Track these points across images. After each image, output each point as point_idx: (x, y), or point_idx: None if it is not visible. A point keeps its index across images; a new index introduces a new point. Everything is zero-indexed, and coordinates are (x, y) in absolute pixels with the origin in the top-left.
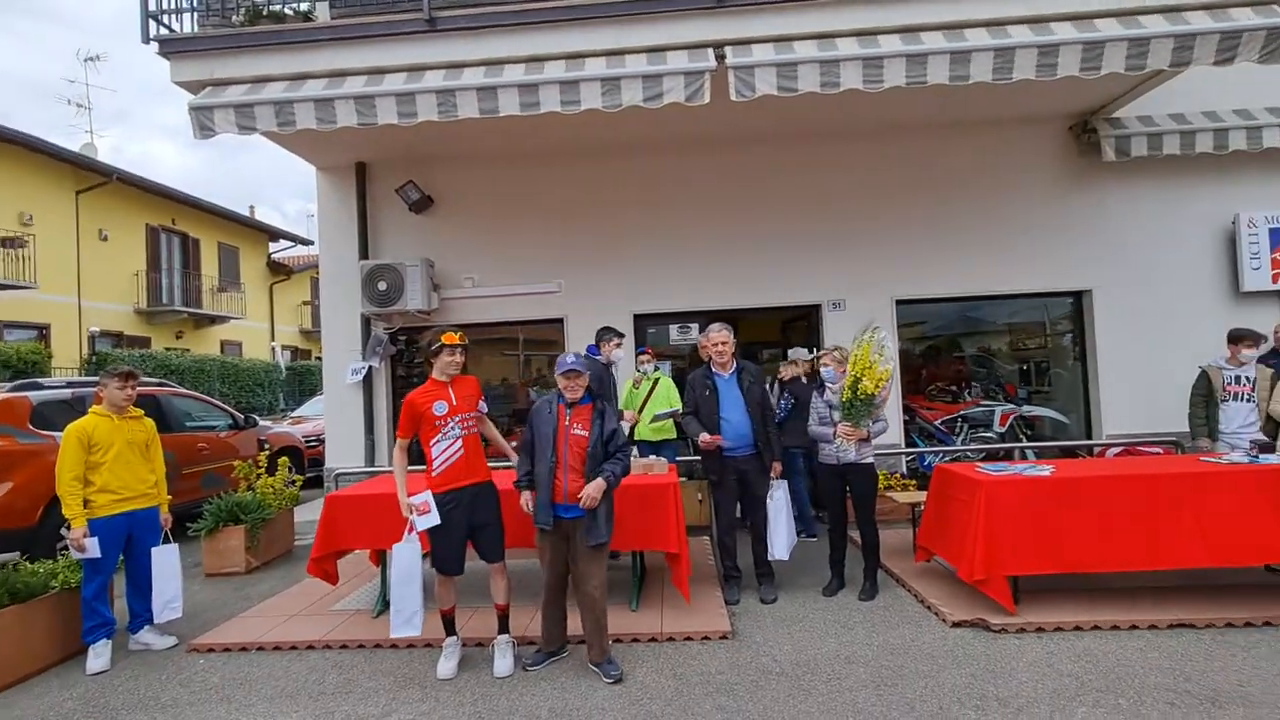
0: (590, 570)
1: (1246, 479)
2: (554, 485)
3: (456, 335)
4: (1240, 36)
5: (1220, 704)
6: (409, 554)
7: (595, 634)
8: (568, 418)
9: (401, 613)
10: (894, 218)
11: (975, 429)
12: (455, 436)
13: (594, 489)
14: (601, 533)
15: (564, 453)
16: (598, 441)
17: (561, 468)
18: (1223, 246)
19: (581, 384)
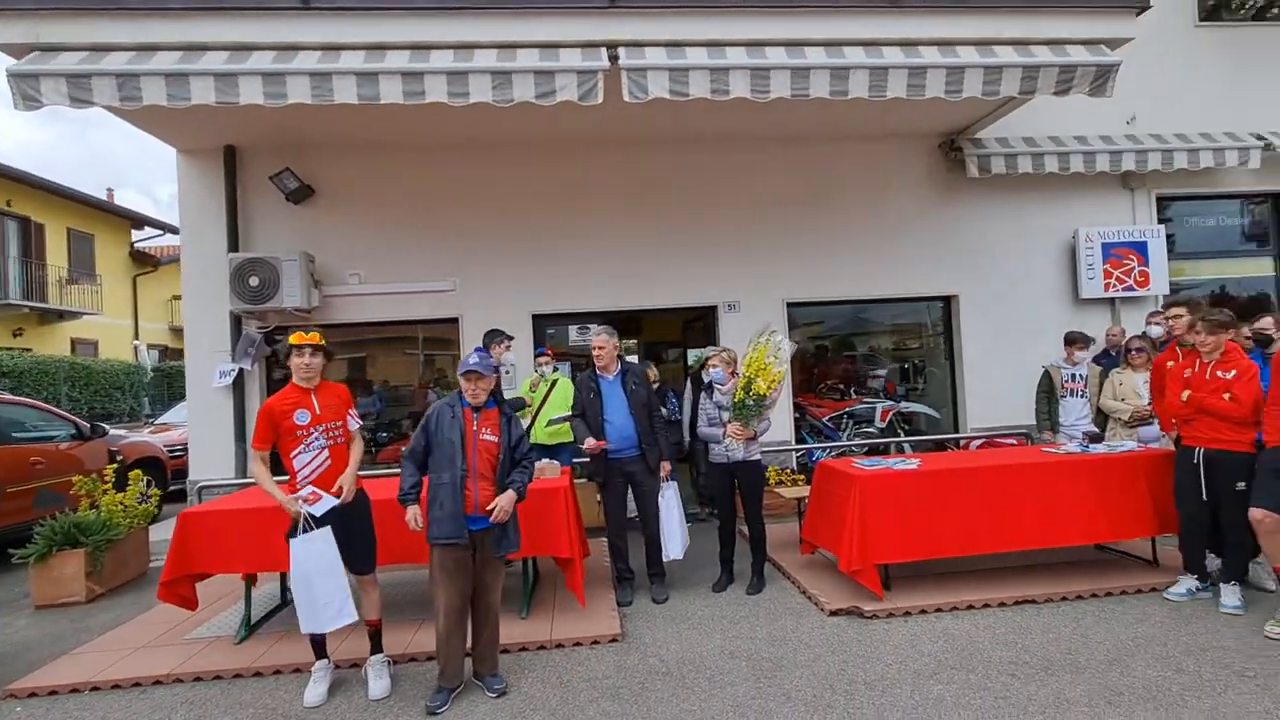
0: (495, 581)
1: (1078, 468)
2: (464, 496)
3: (309, 335)
4: (1075, 70)
5: (1052, 671)
6: (315, 545)
7: (489, 646)
8: (475, 423)
9: (330, 605)
10: (785, 223)
11: (859, 425)
12: (320, 447)
13: (506, 501)
14: (513, 542)
15: (474, 460)
16: (508, 448)
17: (472, 477)
18: (1066, 258)
19: (485, 386)
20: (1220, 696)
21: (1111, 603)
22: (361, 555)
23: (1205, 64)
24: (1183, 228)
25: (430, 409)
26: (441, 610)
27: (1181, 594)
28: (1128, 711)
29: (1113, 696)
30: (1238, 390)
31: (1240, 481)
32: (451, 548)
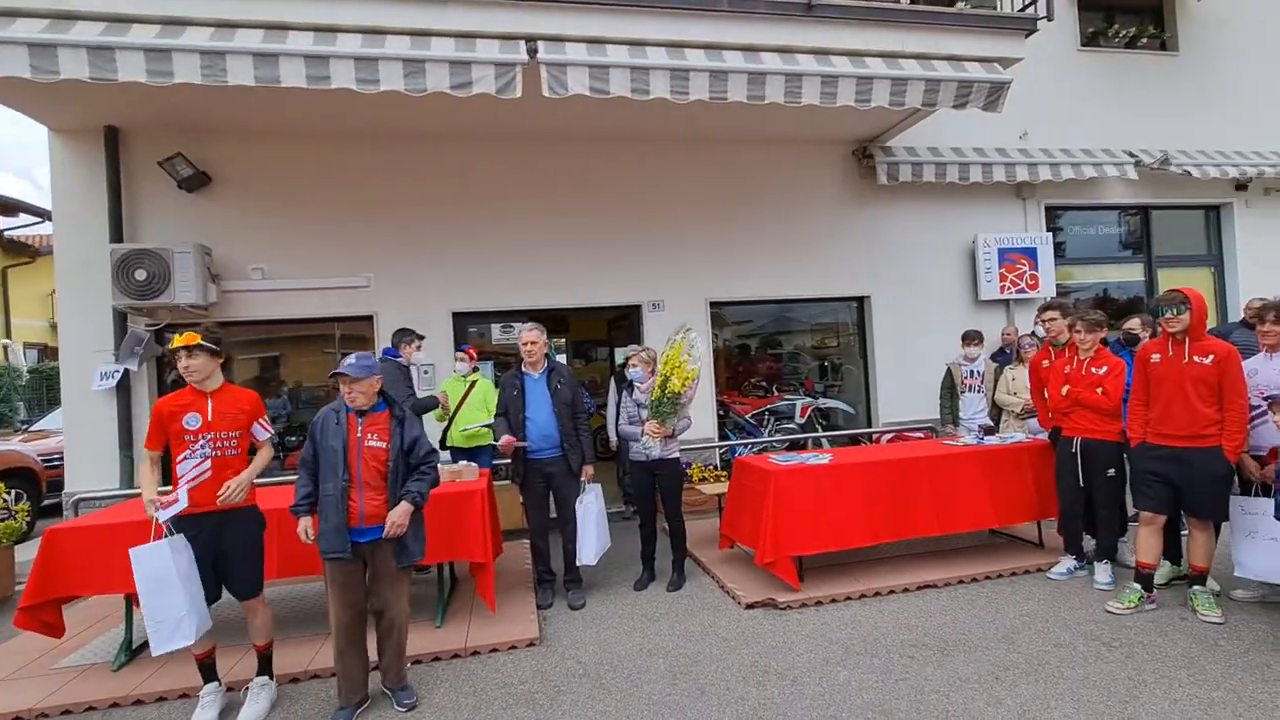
0: (394, 595)
1: (972, 459)
2: (348, 507)
3: (183, 336)
4: (972, 86)
5: (948, 652)
6: (156, 556)
7: (395, 658)
8: (360, 428)
9: (164, 624)
10: (710, 224)
11: (781, 421)
12: (203, 456)
13: (400, 515)
14: (411, 553)
15: (358, 469)
16: (399, 454)
17: (356, 486)
18: (966, 262)
19: (362, 390)
20: (1091, 666)
21: (1003, 584)
22: (241, 576)
23: (1086, 86)
24: (1069, 235)
25: (317, 414)
26: (333, 626)
27: (1062, 573)
28: (1012, 685)
29: (1000, 672)
30: (1107, 385)
31: (1110, 468)
32: (339, 562)
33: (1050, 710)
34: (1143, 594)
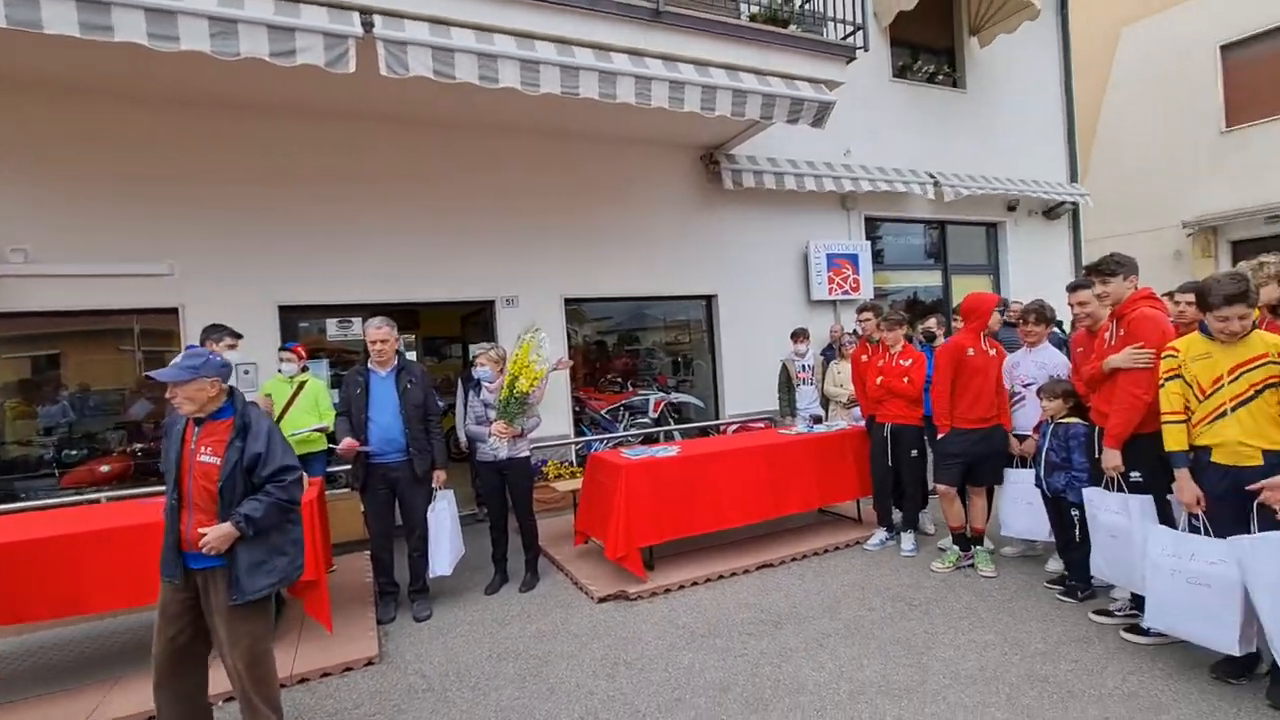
0: (231, 635)
1: (803, 446)
2: (179, 528)
3: None
4: (803, 104)
5: (781, 625)
6: None
7: (245, 709)
8: (195, 439)
9: None
10: (566, 220)
11: (635, 416)
12: None
13: (214, 536)
14: (245, 587)
15: (188, 486)
16: (234, 471)
17: (186, 506)
18: (801, 265)
19: (188, 394)
20: (898, 625)
21: (829, 558)
22: None
23: (896, 113)
24: (885, 244)
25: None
26: (152, 657)
27: (876, 544)
28: (833, 650)
29: (823, 639)
30: (913, 375)
31: (914, 449)
32: (168, 585)
33: (863, 669)
34: (959, 553)
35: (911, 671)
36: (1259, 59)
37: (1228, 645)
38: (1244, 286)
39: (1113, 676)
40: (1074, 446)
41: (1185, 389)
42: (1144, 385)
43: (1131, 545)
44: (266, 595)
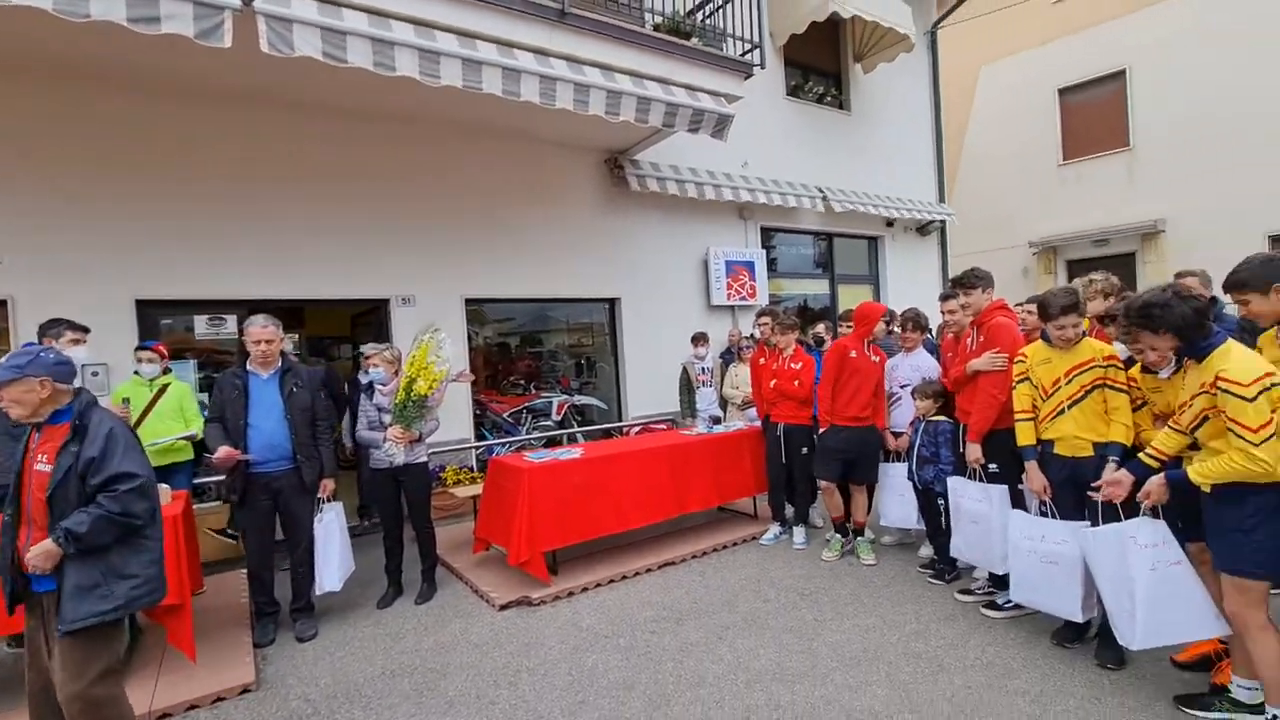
0: (66, 671)
1: (702, 446)
2: (15, 546)
3: None
4: (704, 115)
5: (683, 621)
6: None
7: None
8: (34, 446)
9: None
10: (468, 218)
11: (538, 419)
12: None
13: (36, 555)
14: (65, 616)
15: (26, 499)
16: (66, 478)
17: (25, 521)
18: (701, 270)
19: (14, 397)
20: (790, 614)
21: (727, 554)
22: None
23: (789, 128)
24: (779, 253)
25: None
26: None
27: (770, 539)
28: (732, 642)
29: (723, 632)
30: (802, 377)
31: (804, 447)
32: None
33: (759, 658)
34: (843, 541)
35: (803, 657)
36: (1089, 102)
37: (1072, 613)
38: (1075, 299)
39: (974, 649)
40: (942, 442)
41: (1032, 390)
42: (1000, 386)
43: (990, 530)
44: (100, 625)
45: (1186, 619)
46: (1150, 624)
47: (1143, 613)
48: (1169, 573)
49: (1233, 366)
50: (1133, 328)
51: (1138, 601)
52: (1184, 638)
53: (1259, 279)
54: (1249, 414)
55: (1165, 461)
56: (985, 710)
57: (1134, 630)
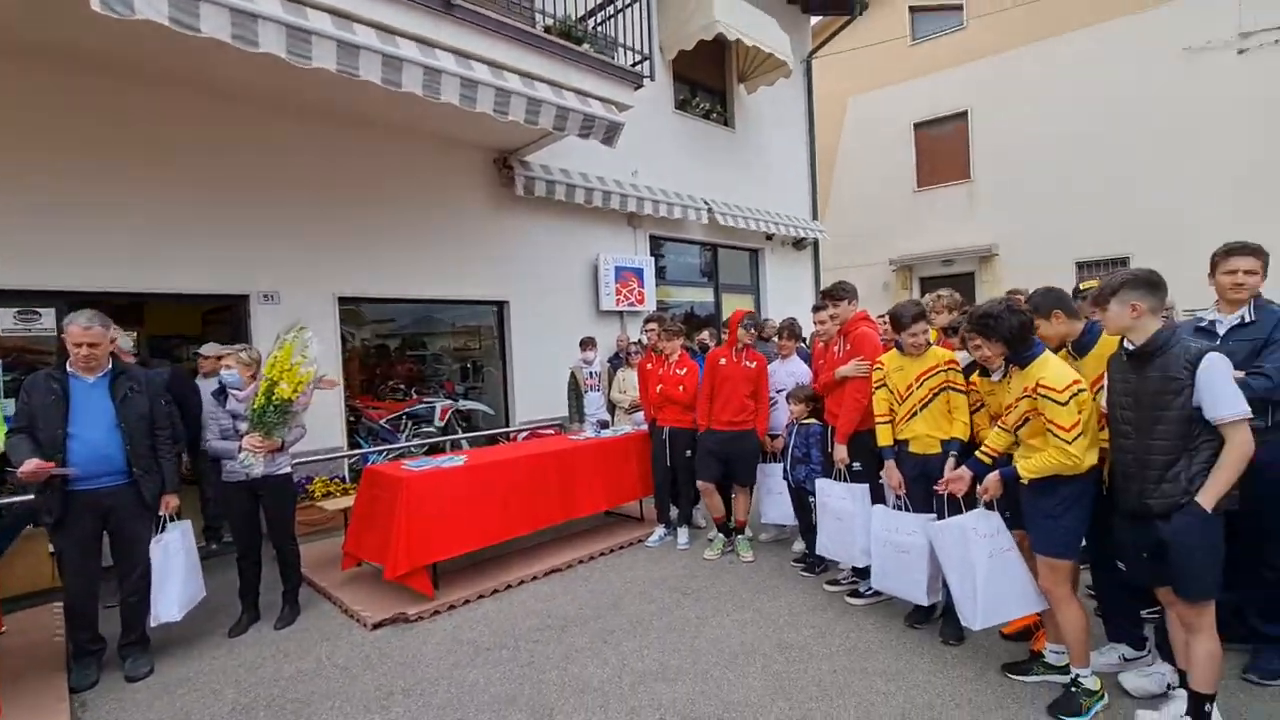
0: None
1: (592, 450)
2: None
3: None
4: (595, 121)
5: (567, 628)
6: None
7: None
8: None
9: None
10: (345, 212)
11: (419, 425)
12: None
13: None
14: None
15: None
16: None
17: None
18: (591, 275)
19: None
20: (673, 613)
21: (614, 557)
22: None
23: (678, 141)
24: (668, 261)
25: None
26: None
27: (656, 541)
28: (617, 645)
29: (607, 635)
30: (686, 383)
31: (688, 450)
32: None
33: (644, 659)
34: (724, 540)
35: (685, 655)
36: (939, 137)
37: (919, 598)
38: (921, 309)
39: (839, 636)
40: (813, 443)
41: (889, 395)
42: (864, 391)
43: (853, 527)
44: None
45: (1015, 598)
46: (989, 605)
47: (983, 596)
48: (1003, 559)
49: (1049, 374)
50: (973, 333)
51: (979, 586)
52: (1014, 615)
53: (1044, 306)
54: (1063, 415)
55: (996, 458)
56: (848, 691)
57: (975, 612)
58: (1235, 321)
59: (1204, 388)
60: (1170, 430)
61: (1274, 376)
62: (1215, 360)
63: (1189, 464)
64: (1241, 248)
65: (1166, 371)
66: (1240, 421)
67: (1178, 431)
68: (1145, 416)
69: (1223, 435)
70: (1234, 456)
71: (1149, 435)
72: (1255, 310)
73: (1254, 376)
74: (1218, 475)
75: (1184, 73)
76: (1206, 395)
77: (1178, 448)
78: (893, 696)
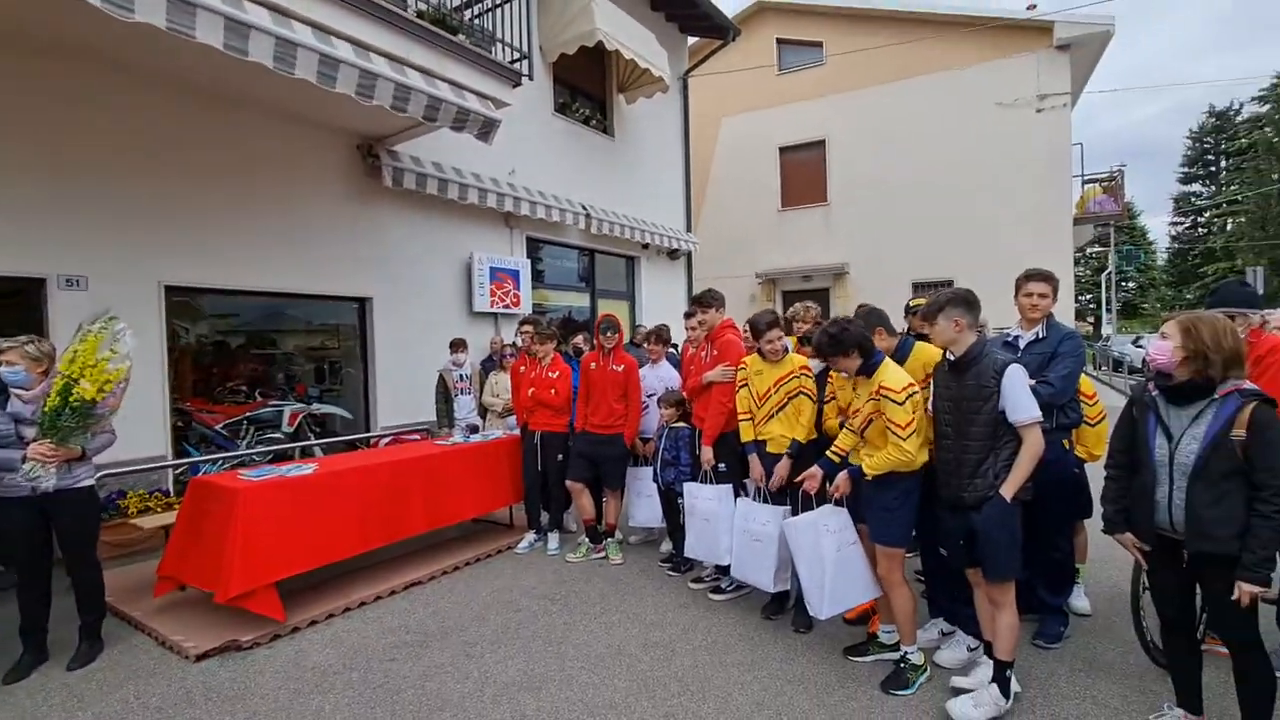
0: None
1: (460, 456)
2: None
3: None
4: (469, 115)
5: (427, 644)
6: None
7: None
8: None
9: None
10: (179, 190)
11: (264, 430)
12: None
13: None
14: None
15: None
16: None
17: None
18: (464, 275)
19: None
20: (541, 621)
21: (480, 567)
22: None
23: (557, 144)
24: (546, 265)
25: None
26: None
27: (525, 547)
28: (480, 658)
29: (470, 649)
30: (559, 386)
31: (560, 454)
32: None
33: (508, 669)
34: (590, 545)
35: (551, 662)
36: (801, 162)
37: (766, 585)
38: (775, 318)
39: (701, 632)
40: (681, 446)
41: (750, 396)
42: (729, 395)
43: (718, 528)
44: None
45: (857, 587)
46: (835, 595)
47: (830, 586)
48: (849, 552)
49: (889, 378)
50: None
51: (827, 577)
52: (856, 602)
53: (868, 325)
54: (900, 414)
55: (844, 456)
56: (709, 685)
57: (823, 601)
58: (1032, 338)
59: (1006, 394)
60: (982, 432)
61: (1056, 385)
62: (1015, 371)
63: (995, 461)
64: (1037, 274)
65: (980, 380)
66: (1033, 424)
67: (987, 433)
68: (963, 419)
69: (1020, 436)
70: (1028, 454)
71: (965, 436)
72: (1047, 328)
73: (1042, 385)
74: (1015, 470)
75: (996, 123)
76: (1008, 401)
77: (987, 447)
78: (749, 686)
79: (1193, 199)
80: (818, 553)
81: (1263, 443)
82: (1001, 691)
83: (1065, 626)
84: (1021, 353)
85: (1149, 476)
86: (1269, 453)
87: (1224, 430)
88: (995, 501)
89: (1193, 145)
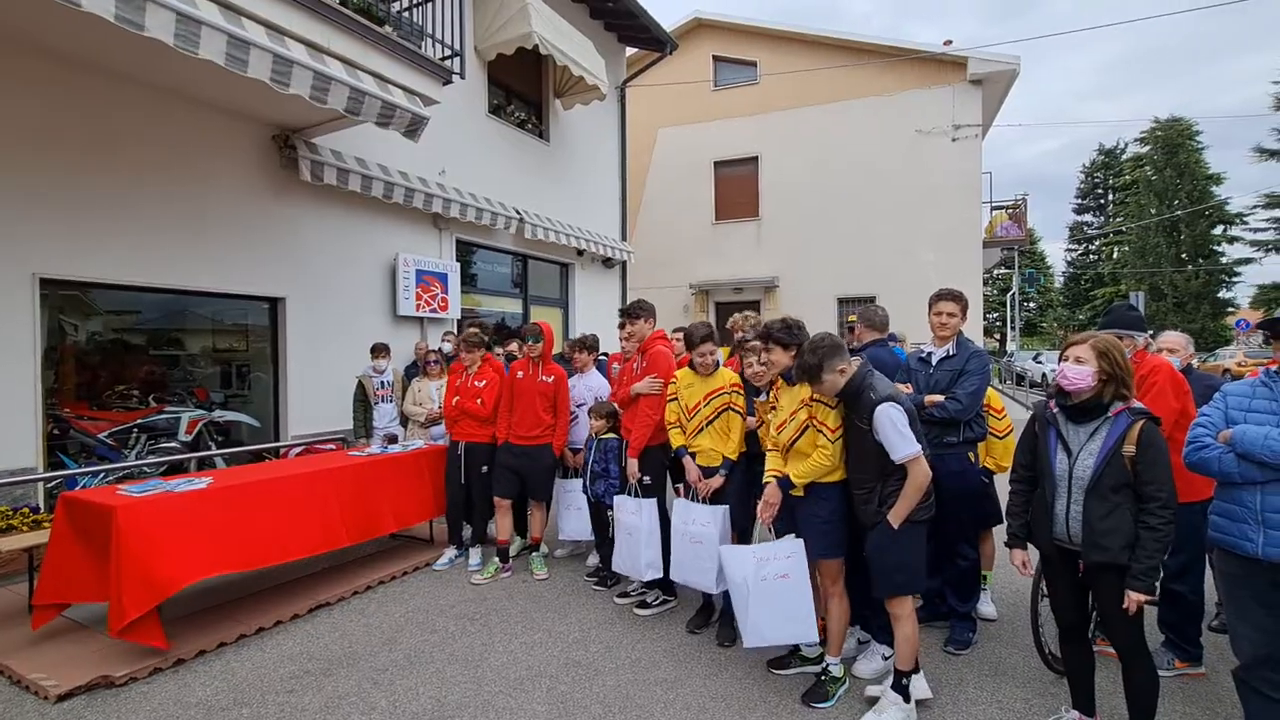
0: None
1: (377, 467)
2: None
3: None
4: (395, 110)
5: (331, 672)
6: None
7: None
8: None
9: None
10: (66, 176)
11: (157, 439)
12: None
13: None
14: None
15: None
16: None
17: None
18: (388, 277)
19: None
20: (458, 643)
21: (395, 585)
22: None
23: (490, 146)
24: (477, 269)
25: None
26: None
27: (445, 563)
28: (388, 686)
29: (379, 675)
30: (485, 396)
31: (484, 465)
32: None
33: (419, 698)
34: (499, 564)
35: (467, 687)
36: (735, 176)
37: (710, 586)
38: (710, 330)
39: (625, 649)
40: (611, 458)
41: (679, 408)
42: (656, 407)
43: (638, 541)
44: None
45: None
46: (754, 628)
47: (751, 617)
48: (775, 585)
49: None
50: (773, 342)
51: (749, 608)
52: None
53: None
54: (831, 417)
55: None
56: (630, 705)
57: (745, 629)
58: (943, 354)
59: (880, 436)
60: (868, 464)
61: (964, 401)
62: (881, 413)
63: (882, 488)
64: (947, 294)
65: (860, 413)
66: (913, 459)
67: (875, 464)
68: (855, 449)
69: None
70: (912, 487)
71: (859, 462)
72: (957, 345)
73: (950, 401)
74: (900, 500)
75: (915, 149)
76: (884, 442)
77: (875, 475)
78: (671, 705)
79: (1085, 228)
80: (744, 582)
81: (1149, 459)
82: (902, 698)
83: (974, 632)
84: (935, 367)
85: (1050, 490)
86: (1154, 468)
87: (1116, 446)
88: (881, 528)
89: (1085, 179)
